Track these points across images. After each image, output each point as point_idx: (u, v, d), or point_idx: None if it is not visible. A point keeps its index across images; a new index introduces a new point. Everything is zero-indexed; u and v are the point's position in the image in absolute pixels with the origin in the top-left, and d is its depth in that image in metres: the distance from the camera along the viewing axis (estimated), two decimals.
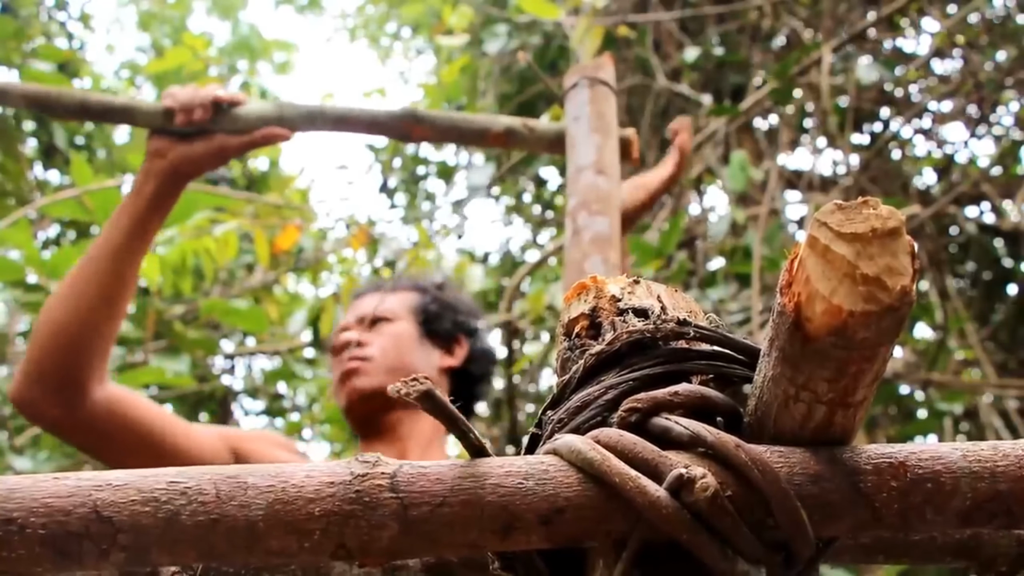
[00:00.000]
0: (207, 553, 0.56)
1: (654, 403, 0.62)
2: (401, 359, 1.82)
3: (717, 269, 3.96)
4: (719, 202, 4.86)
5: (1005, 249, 4.38)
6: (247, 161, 5.92)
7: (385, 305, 1.90)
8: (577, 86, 1.61)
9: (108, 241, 1.52)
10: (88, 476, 0.57)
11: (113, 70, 7.16)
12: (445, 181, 5.91)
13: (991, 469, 0.58)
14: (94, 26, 6.31)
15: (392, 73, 11.32)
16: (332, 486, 0.57)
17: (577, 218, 1.44)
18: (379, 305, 1.89)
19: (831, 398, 0.57)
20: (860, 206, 0.53)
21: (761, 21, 4.70)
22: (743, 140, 4.45)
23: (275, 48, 7.32)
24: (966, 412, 3.88)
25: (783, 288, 0.55)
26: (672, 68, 4.66)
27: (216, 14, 7.62)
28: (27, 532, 0.54)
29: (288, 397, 5.01)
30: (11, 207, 4.02)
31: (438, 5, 6.01)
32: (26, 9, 5.40)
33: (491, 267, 5.39)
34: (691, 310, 0.71)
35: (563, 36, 4.46)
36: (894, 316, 0.52)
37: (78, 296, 1.48)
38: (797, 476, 0.58)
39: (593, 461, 0.58)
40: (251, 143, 1.58)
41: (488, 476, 0.58)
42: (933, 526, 0.59)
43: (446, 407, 0.59)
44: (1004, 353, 4.27)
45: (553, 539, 0.58)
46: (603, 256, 1.38)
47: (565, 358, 0.71)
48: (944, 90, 4.49)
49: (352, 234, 4.43)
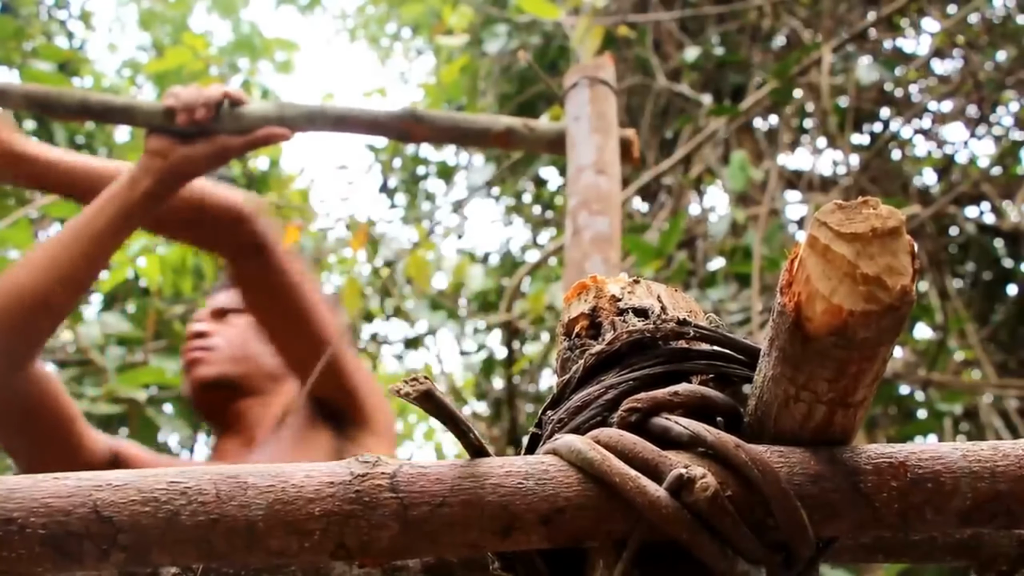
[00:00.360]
0: (207, 553, 0.56)
1: (654, 403, 0.62)
2: (245, 349, 1.81)
3: (717, 269, 3.96)
4: (719, 202, 4.86)
5: (1005, 249, 4.37)
6: (247, 161, 5.92)
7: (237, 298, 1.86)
8: (577, 86, 1.61)
9: (90, 226, 1.50)
10: (88, 476, 0.57)
11: (115, 69, 7.16)
12: (445, 181, 5.91)
13: (991, 469, 0.58)
14: (95, 24, 6.31)
15: (392, 73, 11.32)
16: (332, 486, 0.57)
17: (577, 218, 1.44)
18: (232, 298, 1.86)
19: (831, 398, 0.57)
20: (860, 206, 0.53)
21: (761, 21, 4.70)
22: (743, 140, 4.45)
23: (276, 47, 7.31)
24: (966, 412, 3.88)
25: (783, 288, 0.55)
26: (672, 68, 4.66)
27: (217, 12, 7.62)
28: (27, 532, 0.54)
29: None
30: (11, 207, 4.01)
31: (438, 5, 6.01)
32: (26, 8, 5.40)
33: (491, 267, 5.39)
34: (691, 310, 0.71)
35: (563, 36, 4.46)
36: (894, 316, 0.52)
37: (46, 270, 1.48)
38: (797, 476, 0.58)
39: (593, 461, 0.58)
40: (252, 143, 1.57)
41: (488, 476, 0.58)
42: (933, 526, 0.59)
43: (446, 407, 0.59)
44: (1004, 353, 4.27)
45: (553, 539, 0.58)
46: (603, 256, 1.38)
47: (565, 358, 0.71)
48: (944, 90, 4.49)
49: (352, 234, 4.43)
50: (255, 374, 1.82)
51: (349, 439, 1.75)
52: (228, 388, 1.80)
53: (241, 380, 1.81)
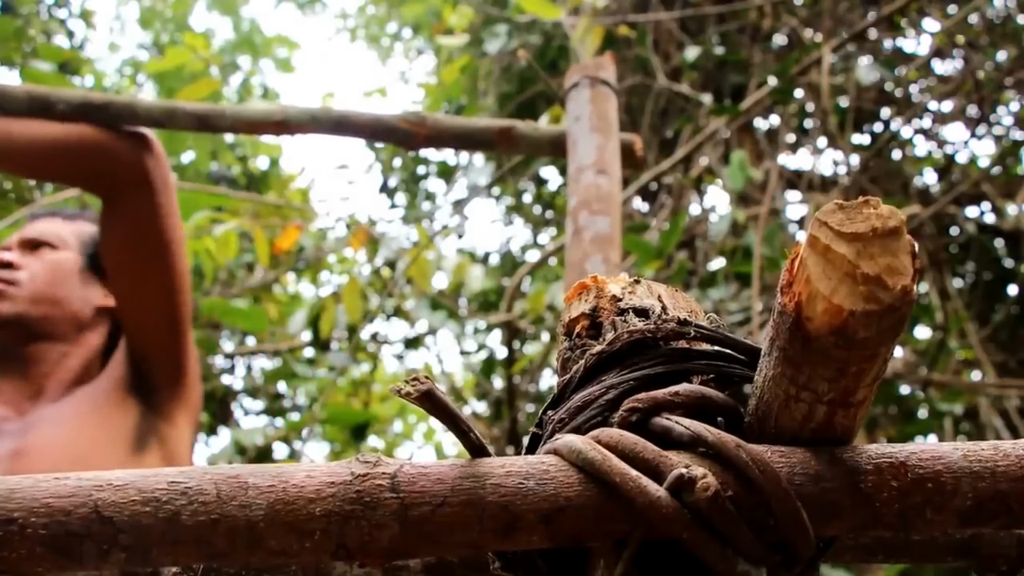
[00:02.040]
0: (207, 553, 0.56)
1: (655, 403, 0.62)
2: (52, 289, 1.71)
3: (717, 269, 3.96)
4: (719, 202, 4.87)
5: (1005, 249, 4.37)
6: (248, 161, 5.92)
7: (53, 230, 1.78)
8: (578, 86, 1.61)
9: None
10: (89, 476, 0.57)
11: (115, 68, 7.16)
12: (445, 181, 5.91)
13: (991, 469, 0.58)
14: (95, 23, 6.30)
15: (392, 73, 11.33)
16: (332, 486, 0.57)
17: (578, 218, 1.44)
18: (47, 230, 1.77)
19: (832, 398, 0.57)
20: (860, 206, 0.53)
21: (761, 21, 4.70)
22: (743, 140, 4.45)
23: (277, 45, 7.31)
24: (966, 412, 3.88)
25: (784, 288, 0.55)
26: (672, 68, 4.66)
27: (217, 11, 7.62)
28: (28, 532, 0.54)
29: (288, 397, 5.02)
30: (11, 207, 4.01)
31: (438, 5, 6.01)
32: (26, 7, 5.40)
33: (491, 267, 5.39)
34: (691, 310, 0.71)
35: (563, 36, 4.46)
36: (895, 316, 0.52)
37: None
38: (797, 476, 0.58)
39: (594, 461, 0.58)
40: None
41: (489, 476, 0.58)
42: (933, 526, 0.59)
43: (446, 407, 0.59)
44: (1004, 353, 4.27)
45: (554, 539, 0.58)
46: (604, 256, 1.38)
47: (566, 358, 0.71)
48: (944, 90, 4.49)
49: (352, 234, 4.43)
50: (59, 318, 1.71)
51: (160, 412, 1.67)
52: (26, 328, 1.69)
53: (41, 322, 1.70)
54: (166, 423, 1.68)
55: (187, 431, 1.73)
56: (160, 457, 1.65)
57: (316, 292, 5.11)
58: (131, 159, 1.57)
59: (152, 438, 1.66)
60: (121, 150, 1.56)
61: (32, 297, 1.70)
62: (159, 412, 1.68)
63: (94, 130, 1.56)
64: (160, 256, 1.62)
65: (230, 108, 1.64)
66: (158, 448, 1.66)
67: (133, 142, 1.58)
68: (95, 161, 1.57)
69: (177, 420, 1.69)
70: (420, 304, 4.23)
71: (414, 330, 4.60)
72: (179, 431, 1.71)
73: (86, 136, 1.55)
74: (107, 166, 1.57)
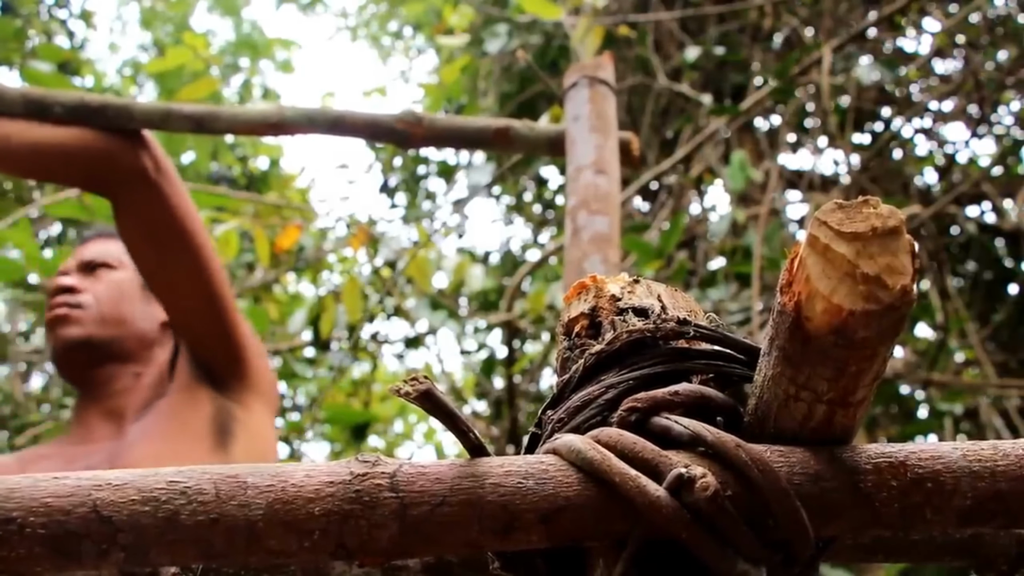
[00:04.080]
0: (207, 553, 0.56)
1: (654, 402, 0.62)
2: (117, 309, 1.70)
3: (717, 269, 3.96)
4: (719, 202, 4.86)
5: (1005, 249, 4.37)
6: (248, 161, 5.92)
7: (108, 250, 1.77)
8: (577, 85, 1.61)
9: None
10: (88, 476, 0.57)
11: (115, 68, 7.16)
12: (445, 180, 5.91)
13: (991, 469, 0.58)
14: (95, 24, 6.30)
15: (393, 72, 11.32)
16: (332, 486, 0.57)
17: (577, 217, 1.44)
18: (103, 251, 1.77)
19: (831, 397, 0.57)
20: (860, 205, 0.53)
21: (761, 21, 4.70)
22: (743, 140, 4.45)
23: (277, 46, 7.32)
24: (966, 412, 3.88)
25: (783, 287, 0.55)
26: (672, 68, 4.66)
27: (218, 12, 7.63)
28: (27, 532, 0.54)
29: (288, 397, 5.02)
30: (12, 207, 4.01)
31: (439, 5, 6.01)
32: (26, 7, 5.40)
33: (491, 267, 5.39)
34: (691, 310, 0.71)
35: (564, 36, 4.46)
36: (894, 315, 0.52)
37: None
38: (797, 475, 0.58)
39: (593, 461, 0.58)
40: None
41: (488, 476, 0.58)
42: (933, 526, 0.59)
43: (446, 407, 0.59)
44: (1004, 353, 4.26)
45: (553, 539, 0.58)
46: (603, 256, 1.38)
47: (565, 357, 0.71)
48: (945, 90, 4.49)
49: (352, 234, 4.43)
50: (127, 338, 1.70)
51: (232, 399, 1.65)
52: (96, 351, 1.68)
53: (111, 344, 1.69)
54: (242, 409, 1.65)
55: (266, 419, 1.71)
56: (245, 447, 1.63)
57: (316, 292, 5.11)
58: (126, 156, 1.57)
59: (233, 425, 1.64)
60: (116, 149, 1.56)
61: (99, 319, 1.69)
62: (231, 398, 1.66)
63: (90, 132, 1.55)
64: (180, 242, 1.60)
65: (226, 110, 1.64)
66: (243, 437, 1.64)
67: (128, 140, 1.58)
68: (92, 161, 1.56)
69: (251, 406, 1.67)
70: (420, 304, 4.23)
71: (414, 330, 4.59)
72: (257, 418, 1.68)
73: (82, 137, 1.55)
74: (104, 165, 1.57)
